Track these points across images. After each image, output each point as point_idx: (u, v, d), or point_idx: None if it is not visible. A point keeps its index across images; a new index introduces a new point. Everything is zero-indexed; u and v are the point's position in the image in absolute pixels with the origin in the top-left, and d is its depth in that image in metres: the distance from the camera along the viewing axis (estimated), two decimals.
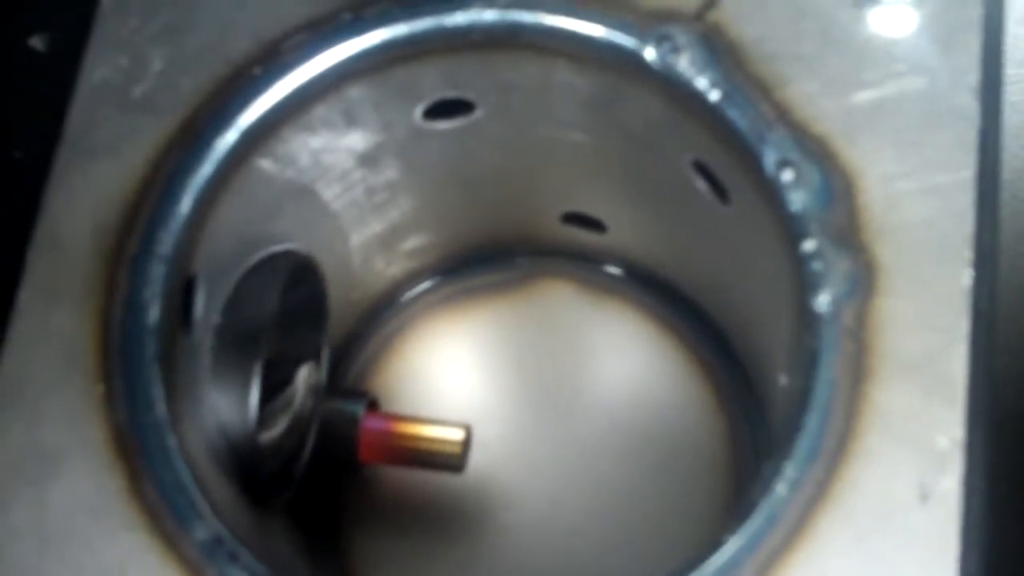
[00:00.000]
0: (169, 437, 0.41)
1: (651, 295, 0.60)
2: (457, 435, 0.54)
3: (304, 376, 0.53)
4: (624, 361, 0.60)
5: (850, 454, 0.39)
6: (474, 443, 0.55)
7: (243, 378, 0.47)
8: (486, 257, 0.60)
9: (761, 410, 0.57)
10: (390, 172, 0.52)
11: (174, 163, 0.44)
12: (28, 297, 0.43)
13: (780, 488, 0.39)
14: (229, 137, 0.44)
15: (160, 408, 0.41)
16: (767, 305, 0.49)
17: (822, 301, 0.41)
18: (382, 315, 0.60)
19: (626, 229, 0.57)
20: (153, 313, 0.42)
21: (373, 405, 0.56)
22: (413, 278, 0.60)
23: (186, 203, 0.43)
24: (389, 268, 0.58)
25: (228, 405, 0.47)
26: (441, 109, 0.50)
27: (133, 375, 0.42)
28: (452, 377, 0.60)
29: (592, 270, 0.60)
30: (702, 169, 0.48)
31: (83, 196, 0.44)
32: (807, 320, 0.41)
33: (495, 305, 0.61)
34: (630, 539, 0.57)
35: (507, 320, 0.61)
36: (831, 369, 0.40)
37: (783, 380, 0.48)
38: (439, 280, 0.61)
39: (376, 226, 0.55)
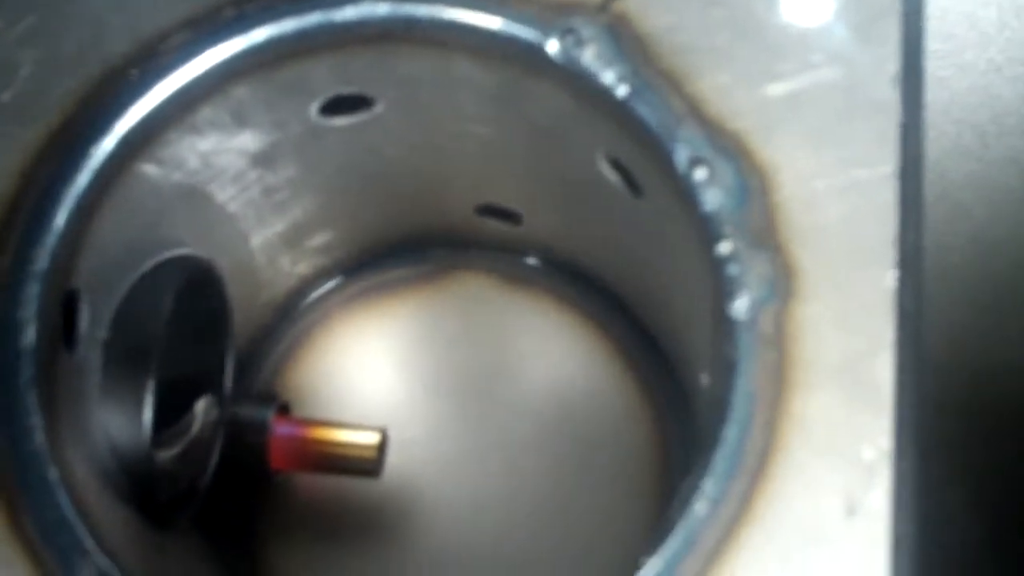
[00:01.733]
0: (50, 468, 0.38)
1: (571, 286, 0.58)
2: (372, 439, 0.52)
3: (207, 385, 0.51)
4: (545, 354, 0.58)
5: (772, 469, 0.37)
6: (392, 445, 0.53)
7: (135, 395, 0.44)
8: (399, 251, 0.58)
9: (688, 402, 0.55)
10: (288, 170, 0.49)
11: (47, 174, 0.41)
12: None
13: (699, 507, 0.37)
14: (106, 144, 0.41)
15: (39, 437, 0.39)
16: (686, 303, 0.47)
17: (739, 306, 0.38)
18: (292, 314, 0.58)
19: (542, 221, 0.55)
20: (29, 334, 0.39)
21: (284, 409, 0.53)
22: (323, 275, 0.57)
23: (61, 216, 0.41)
24: (297, 266, 0.55)
25: (120, 425, 0.44)
26: (339, 105, 0.47)
27: (8, 402, 0.39)
28: (367, 376, 0.58)
29: (510, 261, 0.58)
30: (615, 163, 0.46)
31: None
32: (724, 327, 0.38)
33: (410, 300, 0.59)
34: (557, 539, 0.55)
35: (423, 315, 0.58)
36: (750, 379, 0.38)
37: (704, 380, 0.46)
38: (350, 276, 0.58)
39: (278, 225, 0.52)
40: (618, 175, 0.46)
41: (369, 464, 0.52)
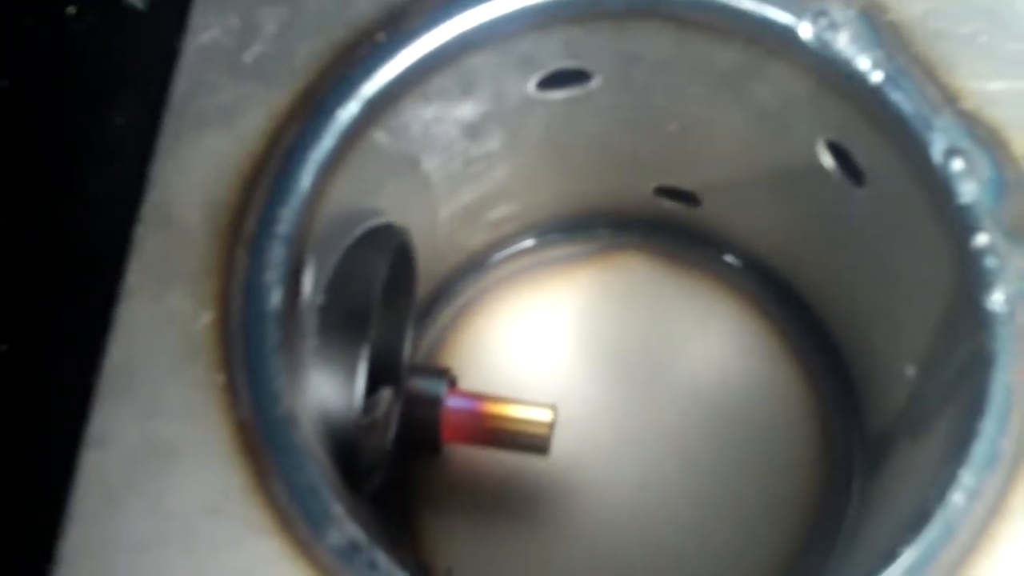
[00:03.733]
0: (296, 433, 0.38)
1: (740, 273, 0.58)
2: (545, 416, 0.52)
3: (391, 356, 0.51)
4: (710, 341, 0.58)
5: None
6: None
7: (349, 361, 0.44)
8: (569, 227, 0.58)
9: (855, 398, 0.55)
10: (492, 142, 0.49)
11: (294, 135, 0.41)
12: (138, 278, 0.40)
13: (957, 497, 0.37)
14: (351, 108, 0.41)
15: (286, 401, 0.38)
16: (895, 295, 0.47)
17: (996, 299, 0.38)
18: (459, 285, 0.57)
19: (723, 206, 0.55)
20: (275, 297, 0.39)
21: (453, 383, 0.53)
22: (493, 247, 0.57)
23: (306, 179, 0.40)
24: (471, 238, 0.55)
25: (332, 391, 0.44)
26: (556, 79, 0.47)
27: (257, 365, 0.39)
28: (529, 351, 0.58)
29: (679, 245, 0.58)
30: (836, 150, 0.45)
31: (194, 168, 0.41)
32: (979, 319, 0.38)
33: (576, 277, 0.58)
34: (716, 525, 0.55)
35: (588, 293, 0.58)
36: (1008, 373, 0.38)
37: (910, 372, 0.46)
38: (519, 250, 0.58)
39: (467, 197, 0.52)
40: (837, 163, 0.46)
41: (540, 441, 0.52)
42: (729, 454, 0.56)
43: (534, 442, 0.52)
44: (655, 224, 0.57)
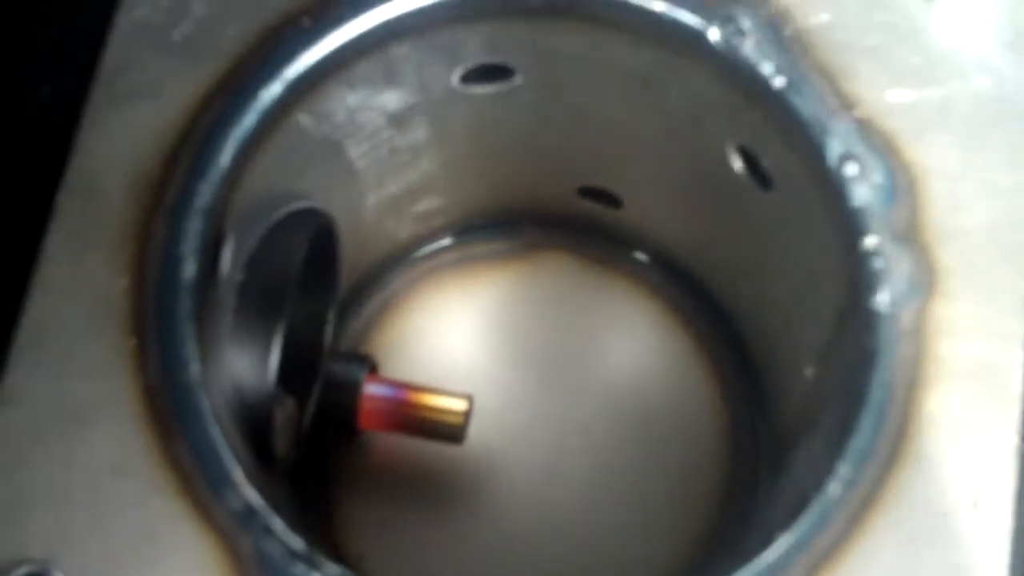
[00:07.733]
0: (203, 399, 0.39)
1: (658, 274, 0.59)
2: (460, 405, 0.53)
3: (311, 339, 0.52)
4: (626, 339, 0.59)
5: (903, 457, 0.39)
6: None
7: (264, 339, 0.45)
8: (494, 224, 0.59)
9: (763, 397, 0.56)
10: (418, 133, 0.50)
11: (217, 113, 0.42)
12: (57, 241, 0.41)
13: (833, 487, 0.38)
14: (273, 89, 0.43)
15: (194, 368, 0.40)
16: (797, 296, 0.48)
17: (881, 300, 0.40)
18: (385, 277, 0.59)
19: (643, 208, 0.56)
20: (189, 268, 0.41)
21: (373, 370, 0.54)
22: (420, 241, 0.59)
23: (227, 155, 0.42)
24: (398, 230, 0.57)
25: (247, 366, 0.45)
26: (480, 73, 0.48)
27: (168, 332, 0.40)
28: (451, 343, 0.59)
29: (601, 246, 0.59)
30: (746, 154, 0.47)
31: (119, 140, 0.42)
32: (864, 319, 0.40)
33: (500, 274, 0.60)
34: (625, 517, 0.56)
35: (510, 289, 0.60)
36: (888, 371, 0.39)
37: (809, 372, 0.47)
38: (445, 245, 0.59)
39: (393, 187, 0.53)
40: (746, 167, 0.47)
41: (455, 430, 0.53)
42: (638, 448, 0.57)
43: (449, 431, 0.53)
44: (578, 224, 0.59)
